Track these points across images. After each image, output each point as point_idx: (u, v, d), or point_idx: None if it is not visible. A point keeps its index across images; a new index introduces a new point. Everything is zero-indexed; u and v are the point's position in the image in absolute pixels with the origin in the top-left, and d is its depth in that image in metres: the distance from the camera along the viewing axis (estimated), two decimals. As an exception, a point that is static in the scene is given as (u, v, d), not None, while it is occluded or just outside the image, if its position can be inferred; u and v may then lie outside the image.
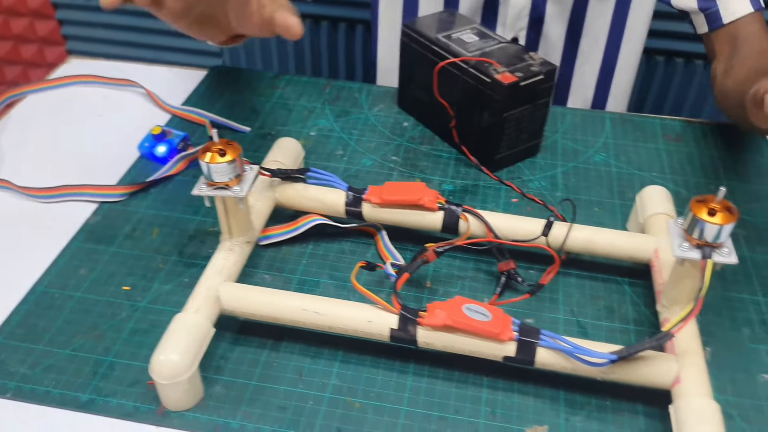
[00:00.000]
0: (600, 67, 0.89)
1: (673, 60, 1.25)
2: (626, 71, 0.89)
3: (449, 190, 0.68)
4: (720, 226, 0.45)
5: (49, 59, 1.47)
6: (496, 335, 0.47)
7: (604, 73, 0.89)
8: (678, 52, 1.24)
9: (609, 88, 0.91)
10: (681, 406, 0.44)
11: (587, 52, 0.87)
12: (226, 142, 0.49)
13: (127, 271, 0.58)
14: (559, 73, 0.89)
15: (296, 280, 0.58)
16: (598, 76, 0.89)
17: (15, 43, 1.48)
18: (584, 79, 0.90)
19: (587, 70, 0.89)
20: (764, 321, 0.56)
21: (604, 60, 0.88)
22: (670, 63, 1.26)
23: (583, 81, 0.90)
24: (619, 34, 0.86)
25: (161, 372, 0.45)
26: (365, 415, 0.48)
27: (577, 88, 0.91)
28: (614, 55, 0.88)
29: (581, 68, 0.89)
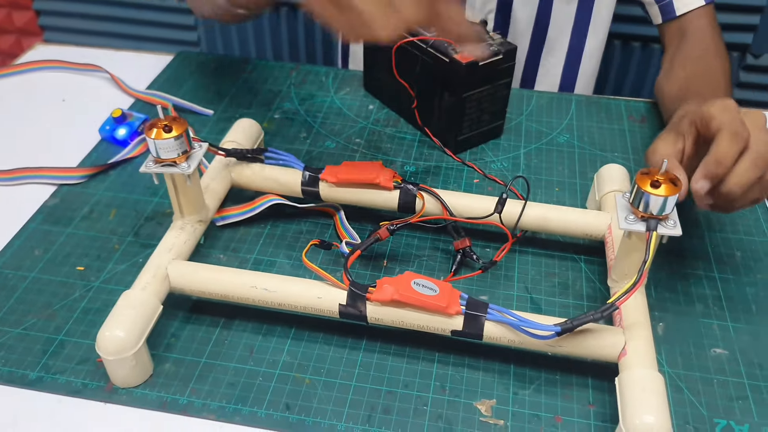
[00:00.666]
0: (567, 50, 0.89)
1: (630, 44, 1.26)
2: (593, 54, 0.89)
3: (411, 171, 0.68)
4: (664, 198, 0.45)
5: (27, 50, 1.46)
6: (443, 309, 0.47)
7: (571, 56, 0.89)
8: (636, 36, 1.24)
9: (577, 71, 0.91)
10: (625, 377, 0.44)
11: (555, 36, 0.87)
12: (172, 118, 0.49)
13: (82, 252, 0.58)
14: (527, 57, 0.89)
15: (252, 260, 0.58)
16: (565, 60, 0.89)
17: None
18: (552, 63, 0.90)
19: (555, 55, 0.89)
20: (719, 297, 0.56)
21: (571, 44, 0.88)
22: (626, 47, 1.26)
23: (550, 65, 0.90)
24: (587, 17, 0.86)
25: (107, 348, 0.45)
26: (314, 391, 0.48)
27: (545, 72, 0.91)
28: (581, 39, 0.88)
29: (549, 52, 0.89)
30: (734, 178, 0.48)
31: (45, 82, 0.80)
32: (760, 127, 0.50)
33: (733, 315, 0.54)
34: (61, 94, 0.78)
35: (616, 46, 1.25)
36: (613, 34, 1.23)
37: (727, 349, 0.52)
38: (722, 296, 0.56)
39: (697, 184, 0.49)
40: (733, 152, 0.48)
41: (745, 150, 0.49)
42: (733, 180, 0.48)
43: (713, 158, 0.48)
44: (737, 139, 0.48)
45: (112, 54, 0.85)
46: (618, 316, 0.49)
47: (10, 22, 1.45)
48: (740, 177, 0.48)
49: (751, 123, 0.50)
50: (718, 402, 0.48)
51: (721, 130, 0.49)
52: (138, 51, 0.87)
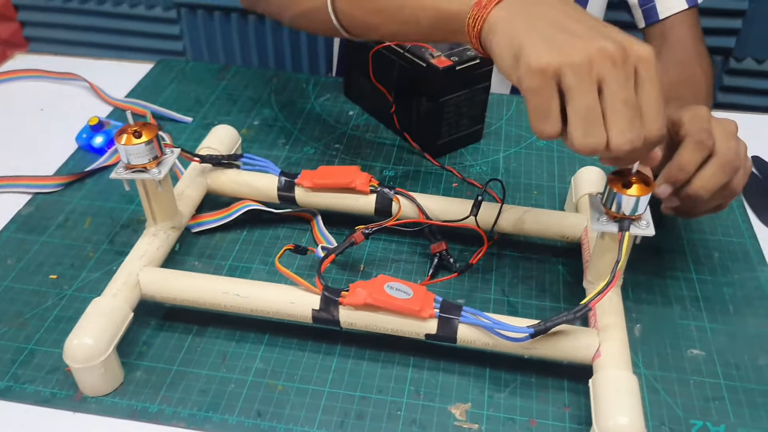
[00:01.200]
0: None
1: None
2: None
3: (390, 176, 0.68)
4: (636, 198, 0.45)
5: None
6: (416, 312, 0.47)
7: None
8: None
9: None
10: (599, 378, 0.44)
11: None
12: (142, 124, 0.49)
13: (55, 261, 0.57)
14: None
15: (227, 266, 0.57)
16: None
17: (-22, 46, 1.47)
18: None
19: None
20: (696, 298, 0.56)
21: None
22: None
23: None
24: None
25: (75, 356, 0.45)
26: (287, 397, 0.48)
27: None
28: None
29: None
30: (700, 182, 0.50)
31: (23, 92, 0.80)
32: (730, 135, 0.51)
33: (710, 316, 0.54)
34: (39, 103, 0.78)
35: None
36: None
37: (704, 349, 0.52)
38: (700, 297, 0.56)
39: (659, 189, 0.51)
40: (695, 160, 0.50)
41: (712, 156, 0.50)
42: (698, 183, 0.50)
43: (676, 164, 0.50)
44: (700, 147, 0.50)
45: (92, 63, 0.85)
46: (593, 317, 0.49)
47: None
48: (706, 181, 0.50)
49: (721, 131, 0.51)
50: (694, 403, 0.48)
51: (686, 138, 0.50)
52: (118, 60, 0.86)
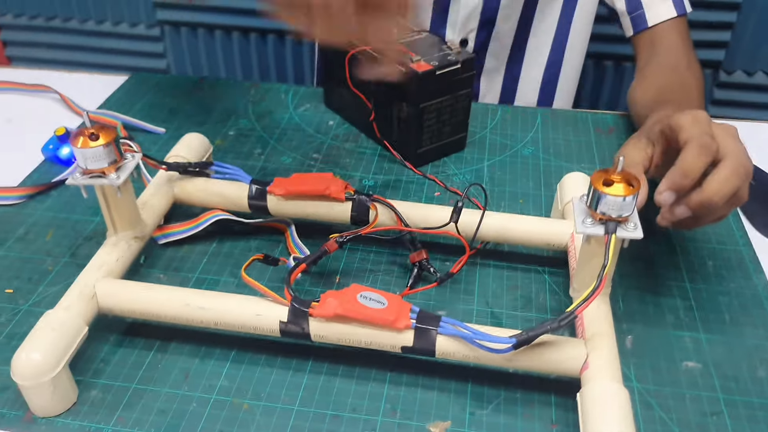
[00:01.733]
0: (546, 66, 0.87)
1: (603, 63, 1.25)
2: (571, 72, 0.88)
3: (370, 185, 0.65)
4: (621, 198, 0.42)
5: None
6: (390, 323, 0.43)
7: (550, 73, 0.88)
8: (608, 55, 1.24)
9: (555, 89, 0.89)
10: (587, 392, 0.41)
11: (535, 51, 0.86)
12: (99, 126, 0.46)
13: (12, 275, 0.54)
14: (506, 74, 0.88)
15: (194, 279, 0.54)
16: (544, 76, 0.88)
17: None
18: (531, 79, 0.88)
19: (535, 71, 0.87)
20: (690, 307, 0.53)
21: (550, 59, 0.87)
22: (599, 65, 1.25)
23: (530, 82, 0.88)
24: (565, 33, 0.85)
25: (22, 372, 0.41)
26: (252, 417, 0.44)
27: (525, 89, 0.89)
28: (560, 54, 0.86)
29: (529, 68, 0.87)
30: (714, 186, 0.46)
31: (-8, 104, 0.77)
32: (734, 138, 0.48)
33: (705, 326, 0.51)
34: (7, 115, 0.75)
35: (589, 65, 1.24)
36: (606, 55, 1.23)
37: (700, 362, 0.49)
38: (694, 307, 0.53)
39: (661, 196, 0.47)
40: (700, 164, 0.46)
41: (722, 160, 0.46)
42: (713, 188, 0.46)
43: (679, 170, 0.46)
44: (705, 151, 0.46)
45: (65, 75, 0.83)
46: (580, 327, 0.46)
47: (-23, 53, 1.43)
48: (720, 186, 0.45)
49: (723, 134, 0.48)
50: (690, 418, 0.45)
51: (689, 142, 0.47)
52: (91, 72, 0.84)
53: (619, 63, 1.24)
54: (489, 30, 0.83)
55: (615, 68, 1.25)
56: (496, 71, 0.87)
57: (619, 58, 1.24)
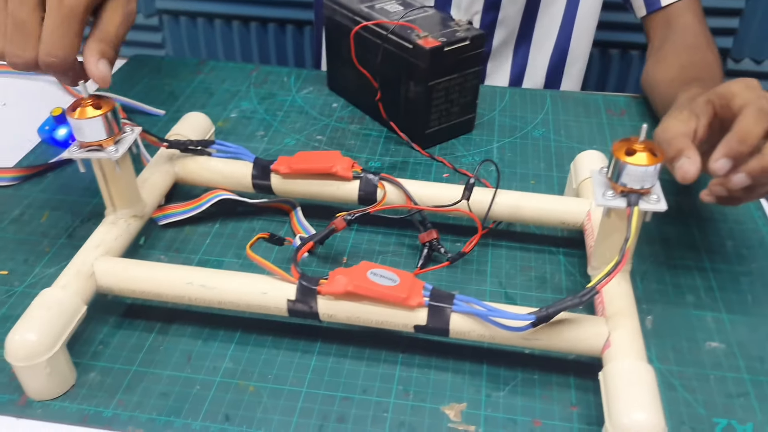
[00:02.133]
0: (553, 51, 0.85)
1: (608, 51, 1.23)
2: (579, 56, 0.86)
3: (376, 167, 0.63)
4: (645, 168, 0.40)
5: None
6: (403, 301, 0.41)
7: (557, 57, 0.86)
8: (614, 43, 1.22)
9: (562, 73, 0.87)
10: (610, 370, 0.39)
11: (542, 36, 0.84)
12: (96, 97, 0.44)
13: (7, 256, 0.52)
14: (514, 58, 0.86)
15: (196, 260, 0.52)
16: (551, 61, 0.86)
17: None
18: (538, 64, 0.86)
19: (542, 55, 0.86)
20: (710, 288, 0.51)
21: (557, 44, 0.85)
22: (625, 55, 1.23)
23: (537, 66, 0.86)
24: (572, 17, 0.83)
25: (16, 353, 0.39)
26: (259, 399, 0.42)
27: (532, 73, 0.87)
28: (567, 40, 0.84)
29: (536, 53, 0.85)
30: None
31: (-14, 87, 0.75)
32: None
33: (727, 306, 0.49)
34: (3, 98, 0.73)
35: (595, 53, 1.23)
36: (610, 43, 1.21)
37: (724, 342, 0.47)
38: (715, 287, 0.51)
39: (717, 164, 0.44)
40: (759, 130, 0.43)
41: None
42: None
43: (736, 135, 0.43)
44: (764, 116, 0.43)
45: (62, 59, 0.81)
46: (600, 304, 0.44)
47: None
48: None
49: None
50: (716, 400, 0.43)
51: (745, 107, 0.44)
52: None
53: (625, 51, 1.22)
54: (494, 13, 0.81)
55: (621, 56, 1.23)
56: (503, 55, 0.85)
57: (625, 46, 1.22)
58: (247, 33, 1.28)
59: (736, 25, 1.17)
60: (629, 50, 1.22)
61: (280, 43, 1.29)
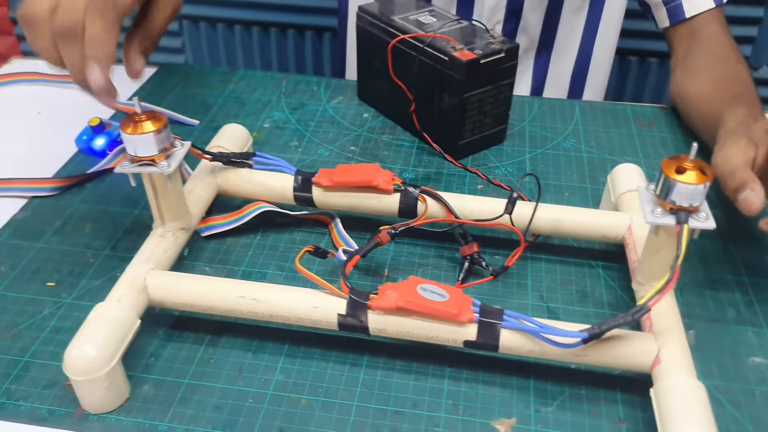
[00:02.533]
0: (576, 60, 0.86)
1: (647, 60, 1.23)
2: (602, 64, 0.87)
3: (410, 178, 0.64)
4: (694, 186, 0.41)
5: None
6: (454, 317, 0.42)
7: (579, 66, 0.86)
8: (652, 52, 1.22)
9: (585, 81, 0.88)
10: (662, 388, 0.39)
11: (563, 45, 0.84)
12: (150, 113, 0.44)
13: (53, 268, 0.53)
14: (536, 67, 0.87)
15: (240, 272, 0.53)
16: (573, 70, 0.87)
17: (-27, 61, 1.43)
18: (561, 72, 0.87)
19: (564, 64, 0.86)
20: (750, 302, 0.51)
21: (580, 53, 0.85)
22: (643, 63, 1.24)
23: (559, 74, 0.87)
24: (595, 26, 0.83)
25: (75, 367, 0.40)
26: (312, 413, 0.43)
27: (554, 81, 0.87)
28: (590, 48, 0.85)
29: (557, 62, 0.86)
30: None
31: (20, 95, 0.76)
32: None
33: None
34: (37, 106, 0.73)
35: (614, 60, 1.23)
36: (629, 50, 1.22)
37: (767, 357, 0.47)
38: (755, 301, 0.51)
39: None
40: None
41: None
42: None
43: None
44: None
45: (93, 67, 0.81)
46: (647, 320, 0.44)
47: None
48: None
49: None
50: (763, 415, 0.43)
51: None
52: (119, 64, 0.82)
53: (643, 58, 1.23)
54: (516, 22, 0.82)
55: (639, 63, 1.23)
56: (524, 64, 0.86)
57: (644, 53, 1.22)
58: (266, 39, 1.29)
59: (754, 34, 1.18)
60: (647, 57, 1.23)
61: (300, 49, 1.29)
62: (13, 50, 1.41)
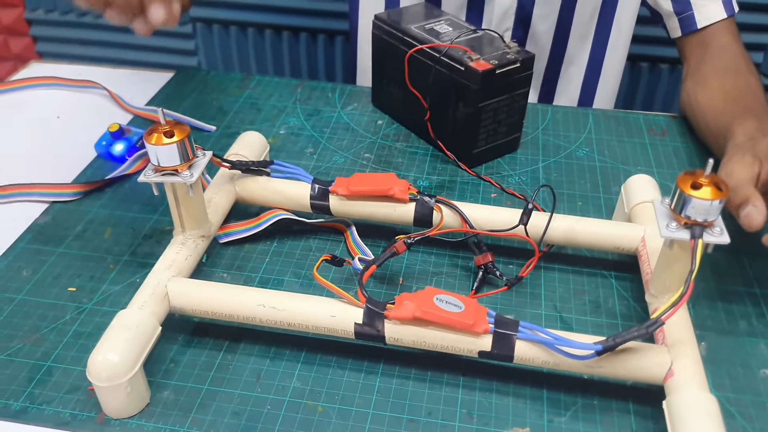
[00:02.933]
0: (586, 67, 0.86)
1: (658, 66, 1.23)
2: (612, 72, 0.87)
3: (424, 186, 0.65)
4: (710, 202, 0.41)
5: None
6: (469, 327, 0.43)
7: (590, 73, 0.87)
8: (663, 58, 1.22)
9: (595, 89, 0.88)
10: (675, 401, 0.40)
11: (574, 52, 0.85)
12: (173, 123, 0.45)
13: (74, 273, 0.54)
14: (546, 74, 0.87)
15: (258, 279, 0.54)
16: (584, 77, 0.87)
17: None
18: (571, 80, 0.87)
19: (574, 71, 0.86)
20: (762, 314, 0.52)
21: (590, 60, 0.86)
22: (654, 69, 1.24)
23: (569, 82, 0.87)
24: (606, 34, 0.84)
25: (99, 374, 0.41)
26: (328, 420, 0.43)
27: (564, 89, 0.88)
28: (600, 56, 0.85)
29: (568, 69, 0.86)
30: None
31: (39, 100, 0.77)
32: None
33: (780, 333, 0.50)
34: (56, 111, 0.75)
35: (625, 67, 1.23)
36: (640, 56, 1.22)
37: (778, 370, 0.48)
38: (766, 313, 0.52)
39: None
40: None
41: None
42: None
43: None
44: None
45: (110, 72, 0.82)
46: (660, 332, 0.45)
47: (7, 49, 1.43)
48: None
49: None
50: (774, 428, 0.44)
51: None
52: (135, 68, 0.83)
53: (654, 64, 1.23)
54: (525, 30, 0.82)
55: (650, 70, 1.24)
56: (535, 72, 0.86)
57: (655, 59, 1.22)
58: (279, 42, 1.30)
59: (766, 41, 1.17)
60: (658, 63, 1.23)
61: (312, 52, 1.30)
62: (29, 51, 1.42)
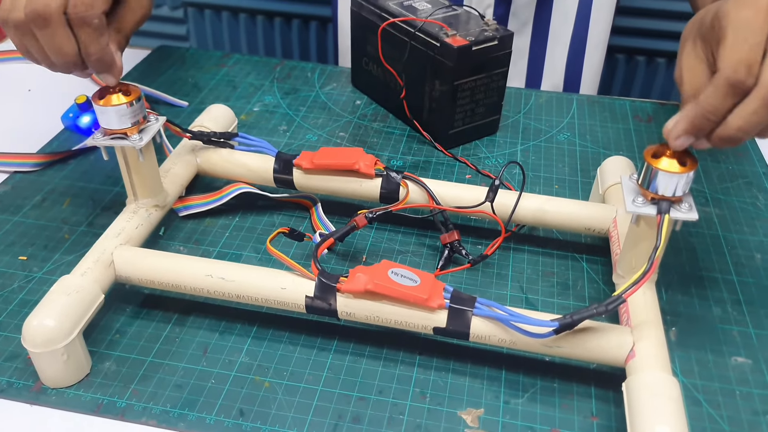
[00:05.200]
0: (569, 46, 0.84)
1: (634, 58, 1.21)
2: (596, 50, 0.85)
3: (398, 166, 0.63)
4: (677, 176, 0.40)
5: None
6: (423, 302, 0.41)
7: (574, 52, 0.85)
8: (639, 50, 1.20)
9: (581, 69, 0.86)
10: (634, 381, 0.38)
11: (557, 30, 0.82)
12: (124, 84, 0.44)
13: (27, 241, 0.52)
14: (530, 54, 0.85)
15: (215, 253, 0.52)
16: (568, 56, 0.85)
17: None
18: (555, 60, 0.85)
19: (558, 51, 0.84)
20: (738, 301, 0.50)
21: (574, 38, 0.83)
22: (631, 61, 1.22)
23: (554, 62, 0.85)
24: (588, 10, 0.81)
25: (34, 339, 0.39)
26: (274, 396, 0.42)
27: (549, 69, 0.86)
28: (584, 33, 0.83)
29: (552, 48, 0.84)
30: (737, 122, 0.37)
31: (11, 73, 0.75)
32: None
33: (755, 321, 0.48)
34: (28, 84, 0.73)
35: (621, 60, 1.21)
36: (616, 47, 1.20)
37: (750, 357, 0.45)
38: (742, 300, 0.50)
39: (676, 141, 0.39)
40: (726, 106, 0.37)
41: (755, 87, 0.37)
42: (735, 123, 0.37)
43: (701, 111, 0.38)
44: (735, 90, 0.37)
45: (88, 47, 0.81)
46: (625, 314, 0.43)
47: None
48: (745, 121, 0.37)
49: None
50: (742, 417, 0.42)
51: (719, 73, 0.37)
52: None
53: (631, 56, 1.21)
54: (507, 5, 0.80)
55: (647, 63, 1.21)
56: (518, 51, 0.84)
57: (651, 53, 1.20)
58: (270, 28, 1.28)
59: None
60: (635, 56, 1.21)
61: (304, 39, 1.28)
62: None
